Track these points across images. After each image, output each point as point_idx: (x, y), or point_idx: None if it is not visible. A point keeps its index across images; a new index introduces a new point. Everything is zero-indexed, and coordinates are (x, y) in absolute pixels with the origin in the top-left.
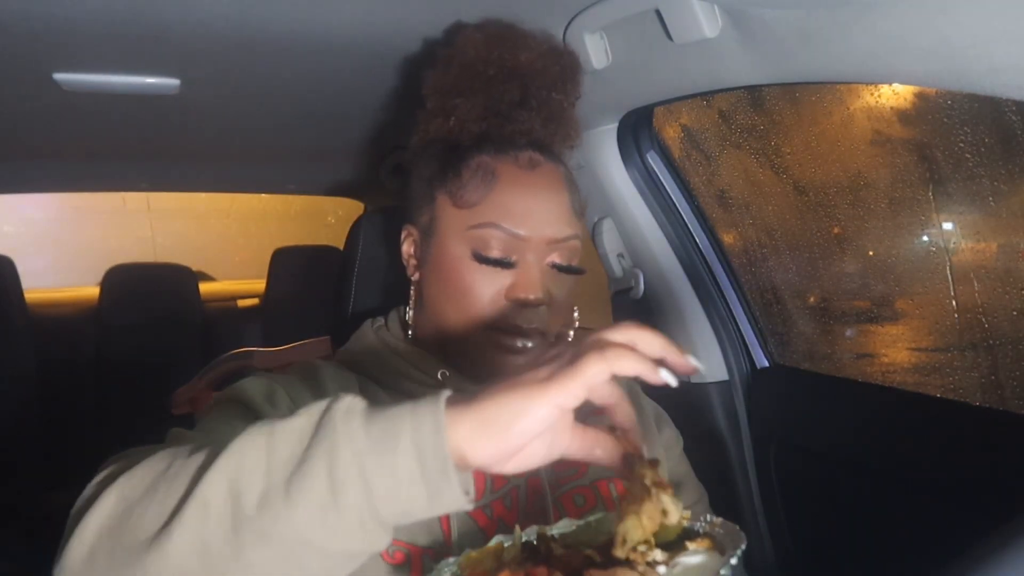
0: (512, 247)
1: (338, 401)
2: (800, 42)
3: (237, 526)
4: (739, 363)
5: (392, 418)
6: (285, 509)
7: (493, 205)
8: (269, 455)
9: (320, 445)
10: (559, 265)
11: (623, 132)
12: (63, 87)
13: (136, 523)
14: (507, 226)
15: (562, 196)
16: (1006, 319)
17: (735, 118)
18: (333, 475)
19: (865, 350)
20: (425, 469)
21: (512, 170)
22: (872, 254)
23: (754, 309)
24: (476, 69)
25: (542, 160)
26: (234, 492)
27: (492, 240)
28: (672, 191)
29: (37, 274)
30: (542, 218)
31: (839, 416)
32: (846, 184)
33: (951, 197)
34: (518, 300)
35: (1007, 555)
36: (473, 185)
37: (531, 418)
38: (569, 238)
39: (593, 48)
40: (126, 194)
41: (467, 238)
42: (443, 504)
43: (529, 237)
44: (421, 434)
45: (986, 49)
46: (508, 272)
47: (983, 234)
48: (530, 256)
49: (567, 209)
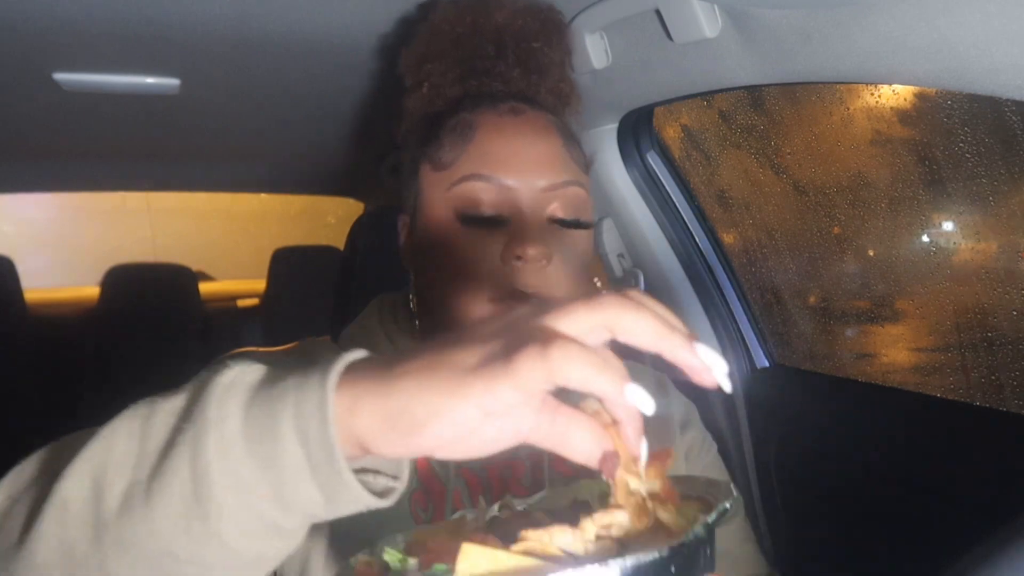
0: (501, 200)
1: (227, 370)
2: (800, 42)
3: (99, 532)
4: (739, 363)
5: (275, 396)
6: (144, 512)
7: (473, 157)
8: (142, 442)
9: (187, 431)
10: (561, 219)
11: (623, 132)
12: (63, 87)
13: (10, 524)
14: (489, 173)
15: (553, 141)
16: (1006, 319)
17: (735, 118)
18: (195, 469)
19: (865, 350)
20: (313, 462)
21: (492, 119)
22: (872, 254)
23: (754, 309)
24: (446, 31)
25: (527, 109)
26: (97, 489)
27: (476, 194)
28: (672, 191)
29: (37, 274)
30: (531, 163)
31: (839, 416)
32: (846, 184)
33: (951, 197)
34: (514, 258)
35: (1007, 555)
36: (450, 142)
37: (446, 421)
38: (567, 183)
39: (593, 48)
40: (126, 194)
41: (449, 199)
42: (344, 505)
43: (518, 186)
44: (304, 418)
45: (986, 49)
46: (501, 231)
47: (983, 234)
48: (524, 208)
49: (561, 154)
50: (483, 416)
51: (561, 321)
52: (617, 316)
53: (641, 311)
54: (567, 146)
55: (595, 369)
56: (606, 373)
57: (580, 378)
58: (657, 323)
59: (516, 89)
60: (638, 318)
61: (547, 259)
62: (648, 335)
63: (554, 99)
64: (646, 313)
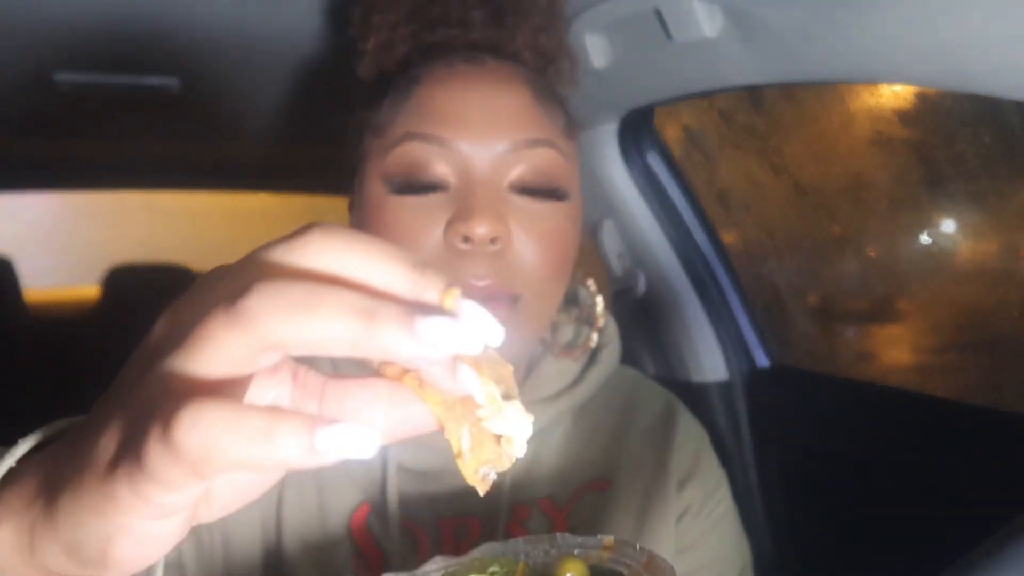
0: (445, 165)
1: None
2: (800, 42)
3: None
4: (739, 363)
5: None
6: None
7: (412, 113)
8: None
9: None
10: (528, 188)
11: (623, 132)
12: (63, 87)
13: None
14: (429, 131)
15: (518, 93)
16: (1006, 319)
17: (735, 118)
18: None
19: (865, 350)
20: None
21: (440, 71)
22: (872, 254)
23: (754, 309)
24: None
25: (487, 59)
26: None
27: (412, 157)
28: (672, 191)
29: (37, 274)
30: (486, 118)
31: (839, 416)
32: (846, 184)
33: (951, 197)
34: (460, 238)
35: (1007, 555)
36: (390, 101)
37: (126, 544)
38: (535, 143)
39: (593, 48)
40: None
41: (384, 167)
42: None
43: (465, 147)
44: None
45: (986, 49)
46: (443, 200)
47: (983, 234)
48: (474, 173)
49: (528, 109)
50: (163, 519)
51: (192, 355)
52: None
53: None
54: (539, 101)
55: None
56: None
57: (296, 338)
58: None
59: (479, 37)
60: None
61: (503, 239)
62: (344, 332)
63: (532, 54)
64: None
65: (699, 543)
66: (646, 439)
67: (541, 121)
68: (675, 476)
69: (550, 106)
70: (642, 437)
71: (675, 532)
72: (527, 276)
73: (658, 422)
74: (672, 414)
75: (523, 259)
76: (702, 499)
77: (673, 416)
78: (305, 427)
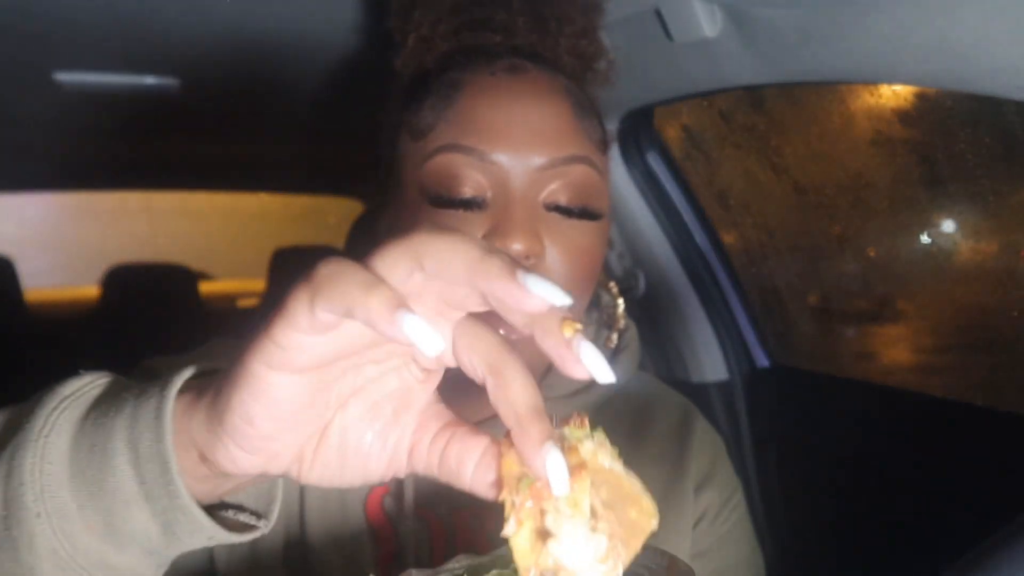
0: (482, 178)
1: (75, 379)
2: (800, 42)
3: None
4: (739, 363)
5: (113, 409)
6: None
7: (452, 123)
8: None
9: (7, 448)
10: (562, 206)
11: (623, 132)
12: (63, 87)
13: None
14: (470, 144)
15: (558, 107)
16: (1006, 319)
17: (735, 118)
18: (7, 490)
19: (865, 350)
20: (145, 481)
21: (482, 79)
22: (872, 254)
23: (754, 309)
24: None
25: (530, 67)
26: None
27: (452, 169)
28: (672, 191)
29: (37, 274)
30: (526, 133)
31: (839, 416)
32: (846, 184)
33: (951, 197)
34: None
35: (1007, 555)
36: (430, 104)
37: (244, 388)
38: (573, 160)
39: None
40: (126, 194)
41: (421, 177)
42: (185, 536)
43: (506, 161)
44: (137, 430)
45: (986, 49)
46: (480, 216)
47: (983, 234)
48: (512, 189)
49: (568, 124)
50: (279, 373)
51: (374, 264)
52: (423, 244)
53: (452, 235)
54: (578, 115)
55: (360, 290)
56: (372, 295)
57: (343, 302)
58: (471, 247)
59: (521, 43)
60: (447, 242)
61: (537, 256)
62: (458, 262)
63: (573, 59)
64: (457, 238)
65: (714, 549)
66: (663, 443)
67: (579, 137)
68: (692, 481)
69: (588, 119)
70: (659, 441)
71: (691, 537)
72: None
73: (675, 427)
74: (690, 420)
75: (553, 274)
76: (719, 505)
77: (691, 422)
78: (395, 299)
